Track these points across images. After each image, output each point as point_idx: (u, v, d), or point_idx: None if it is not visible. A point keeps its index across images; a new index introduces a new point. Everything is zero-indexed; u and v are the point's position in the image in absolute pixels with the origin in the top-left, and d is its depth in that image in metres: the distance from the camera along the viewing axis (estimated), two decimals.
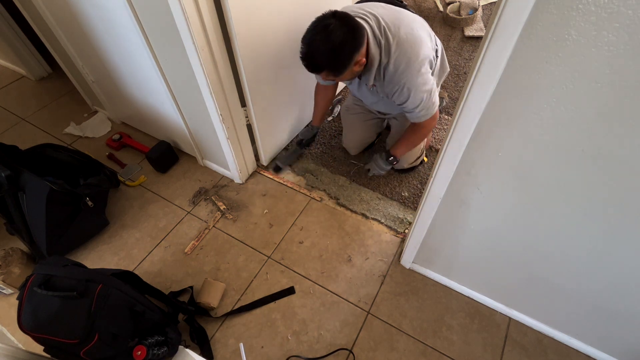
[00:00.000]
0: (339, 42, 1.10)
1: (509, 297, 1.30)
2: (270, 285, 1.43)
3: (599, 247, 0.90)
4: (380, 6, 1.29)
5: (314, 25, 1.13)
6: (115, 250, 1.55)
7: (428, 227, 1.19)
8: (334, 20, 1.10)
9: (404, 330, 1.32)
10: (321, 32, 1.10)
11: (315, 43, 1.11)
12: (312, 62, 1.15)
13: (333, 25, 1.09)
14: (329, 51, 1.11)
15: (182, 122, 1.62)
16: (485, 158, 0.87)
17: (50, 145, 1.54)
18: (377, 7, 1.27)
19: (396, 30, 1.21)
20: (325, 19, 1.11)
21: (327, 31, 1.09)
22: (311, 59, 1.15)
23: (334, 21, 1.09)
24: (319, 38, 1.10)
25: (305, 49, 1.14)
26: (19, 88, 2.35)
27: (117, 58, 1.54)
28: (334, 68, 1.16)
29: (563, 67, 0.64)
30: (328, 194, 1.71)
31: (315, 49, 1.12)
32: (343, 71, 1.17)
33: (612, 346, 1.18)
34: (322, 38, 1.10)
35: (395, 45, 1.20)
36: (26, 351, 0.94)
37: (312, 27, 1.13)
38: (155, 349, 1.14)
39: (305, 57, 1.15)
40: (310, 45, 1.13)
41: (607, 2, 0.54)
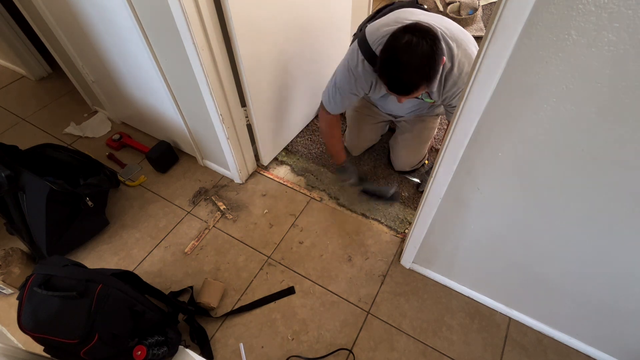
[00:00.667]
0: (428, 51, 1.02)
1: (509, 297, 1.30)
2: (270, 285, 1.43)
3: (599, 247, 0.90)
4: (421, 13, 1.22)
5: (392, 48, 1.04)
6: (115, 250, 1.55)
7: (428, 227, 1.19)
8: (411, 36, 1.01)
9: (404, 330, 1.32)
10: (406, 50, 1.01)
11: (406, 63, 1.02)
12: (408, 85, 1.07)
13: (414, 39, 1.01)
14: (422, 64, 1.03)
15: (182, 122, 1.62)
16: (485, 158, 0.87)
17: (50, 145, 1.54)
18: (420, 15, 1.20)
19: (451, 33, 1.16)
20: (401, 38, 1.02)
21: (412, 46, 1.01)
22: (407, 82, 1.06)
23: (412, 36, 1.01)
24: (407, 57, 1.02)
25: (394, 74, 1.06)
26: (19, 88, 2.35)
27: (117, 58, 1.54)
28: (429, 79, 1.07)
29: (563, 67, 0.64)
30: (328, 194, 1.71)
31: (407, 70, 1.03)
32: (436, 78, 1.10)
33: (612, 346, 1.18)
34: (410, 54, 1.01)
35: (456, 49, 1.15)
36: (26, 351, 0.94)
37: (391, 51, 1.04)
38: (155, 349, 1.14)
39: (399, 82, 1.07)
40: (400, 68, 1.04)
41: (607, 2, 0.54)
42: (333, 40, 1.83)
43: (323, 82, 1.95)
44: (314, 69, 1.79)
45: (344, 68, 1.32)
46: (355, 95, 1.37)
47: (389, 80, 1.09)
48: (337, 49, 1.93)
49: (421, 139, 1.67)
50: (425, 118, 1.63)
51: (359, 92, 1.35)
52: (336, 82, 1.36)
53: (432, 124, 1.66)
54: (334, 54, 1.93)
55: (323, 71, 1.90)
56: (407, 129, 1.65)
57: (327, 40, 1.78)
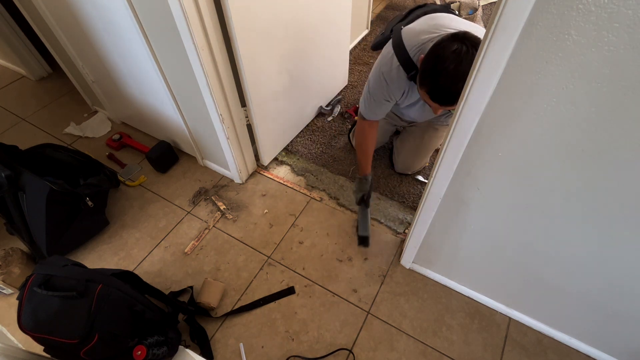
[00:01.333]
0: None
1: (509, 297, 1.30)
2: (270, 285, 1.43)
3: (598, 247, 0.90)
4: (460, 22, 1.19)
5: (441, 57, 1.00)
6: (115, 250, 1.55)
7: (428, 227, 1.19)
8: (461, 44, 0.98)
9: (404, 330, 1.32)
10: (457, 59, 0.98)
11: (456, 72, 0.98)
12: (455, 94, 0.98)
13: (464, 48, 0.98)
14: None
15: (182, 122, 1.62)
16: (485, 158, 0.87)
17: (50, 145, 1.54)
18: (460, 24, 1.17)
19: None
20: (450, 46, 0.99)
21: (461, 55, 0.97)
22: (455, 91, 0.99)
23: (462, 46, 0.98)
24: (453, 67, 0.98)
25: (440, 83, 1.02)
26: (19, 88, 2.35)
27: (117, 58, 1.54)
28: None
29: (563, 67, 0.64)
30: (328, 194, 1.71)
31: (456, 79, 0.98)
32: None
33: (612, 346, 1.18)
34: (461, 63, 0.97)
35: None
36: (26, 351, 0.94)
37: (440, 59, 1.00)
38: (155, 349, 1.14)
39: (446, 91, 1.03)
40: (448, 77, 1.00)
41: (607, 2, 0.54)
42: (333, 40, 1.83)
43: (323, 82, 1.96)
44: (314, 69, 1.79)
45: (376, 73, 1.28)
46: (388, 102, 1.33)
47: (434, 89, 1.05)
48: (337, 49, 1.93)
49: (429, 147, 1.66)
50: (438, 127, 1.61)
51: (391, 98, 1.31)
52: (370, 88, 1.33)
53: (442, 133, 1.63)
54: (334, 54, 1.93)
55: (323, 71, 1.90)
56: (417, 134, 1.63)
57: (328, 40, 1.79)
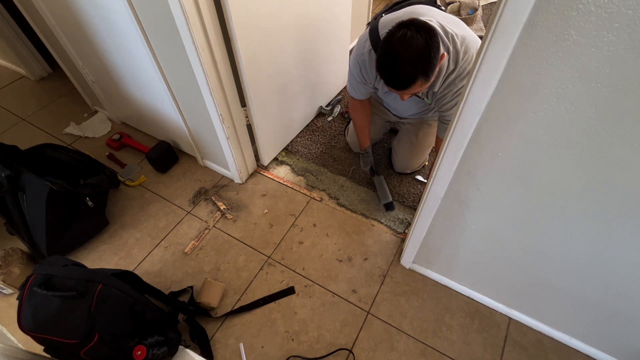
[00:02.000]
0: (423, 44, 1.00)
1: (509, 297, 1.30)
2: (270, 285, 1.43)
3: (598, 247, 0.90)
4: (437, 12, 1.20)
5: (387, 43, 1.04)
6: (115, 250, 1.55)
7: (428, 227, 1.19)
8: (406, 30, 1.01)
9: (404, 330, 1.32)
10: (400, 44, 1.01)
11: (400, 57, 1.02)
12: (402, 78, 1.05)
13: (409, 33, 1.00)
14: (417, 57, 1.01)
15: (182, 122, 1.62)
16: (485, 158, 0.87)
17: (50, 145, 1.54)
18: (435, 14, 1.18)
19: (462, 37, 1.14)
20: (396, 33, 1.02)
21: (406, 40, 1.00)
22: (401, 75, 1.04)
23: (407, 30, 1.01)
24: (400, 50, 1.01)
25: (389, 68, 1.05)
26: (19, 88, 2.35)
27: (117, 58, 1.54)
28: (425, 72, 1.04)
29: (563, 67, 0.64)
30: (328, 194, 1.71)
31: (401, 62, 1.02)
32: (432, 73, 1.07)
33: (612, 346, 1.18)
34: (404, 47, 1.01)
35: (463, 53, 1.14)
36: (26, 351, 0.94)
37: (386, 46, 1.04)
38: (155, 349, 1.14)
39: (393, 76, 1.06)
40: (394, 62, 1.03)
41: (607, 2, 0.54)
42: (333, 40, 1.83)
43: (323, 82, 1.96)
44: (314, 69, 1.79)
45: (353, 56, 1.35)
46: (364, 84, 1.38)
47: (386, 74, 1.08)
48: (337, 49, 1.93)
49: (424, 143, 1.67)
50: (431, 122, 1.63)
51: (366, 80, 1.36)
52: (350, 69, 1.40)
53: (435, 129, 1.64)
54: (334, 54, 1.93)
55: (323, 71, 1.90)
56: (412, 132, 1.65)
57: (328, 40, 1.79)
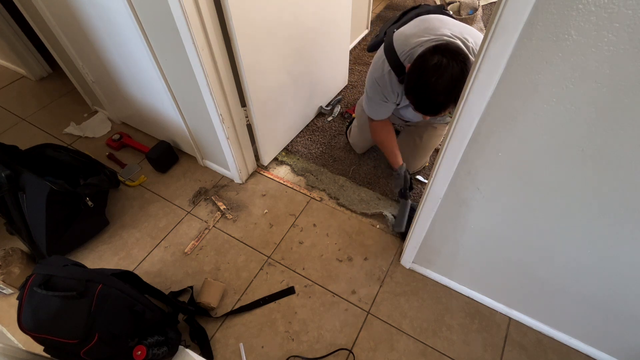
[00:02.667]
0: (458, 74, 1.03)
1: (509, 297, 1.30)
2: (270, 285, 1.43)
3: (599, 247, 0.90)
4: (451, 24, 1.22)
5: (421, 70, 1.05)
6: (115, 250, 1.55)
7: (428, 227, 1.19)
8: (441, 57, 1.03)
9: (404, 330, 1.32)
10: (436, 73, 1.03)
11: (434, 86, 1.04)
12: (435, 106, 1.09)
13: (444, 61, 1.02)
14: (452, 87, 1.03)
15: (182, 122, 1.62)
16: (485, 158, 0.87)
17: (50, 145, 1.54)
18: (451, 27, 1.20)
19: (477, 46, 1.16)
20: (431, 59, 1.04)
21: (442, 69, 1.02)
22: (435, 104, 1.08)
23: (442, 58, 1.03)
24: (434, 79, 1.03)
25: (421, 96, 1.08)
26: (19, 88, 2.35)
27: (117, 58, 1.54)
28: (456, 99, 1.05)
29: (563, 67, 0.64)
30: (328, 194, 1.71)
31: (435, 92, 1.05)
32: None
33: (612, 346, 1.18)
34: (439, 76, 1.03)
35: None
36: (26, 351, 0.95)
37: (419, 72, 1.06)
38: (155, 349, 1.15)
39: (426, 103, 1.09)
40: (428, 90, 1.06)
41: (607, 2, 0.54)
42: (333, 40, 1.83)
43: (323, 82, 1.96)
44: (314, 69, 1.79)
45: (370, 78, 1.33)
46: (386, 102, 1.37)
47: (417, 100, 1.10)
48: (337, 49, 1.93)
49: (428, 146, 1.66)
50: (437, 125, 1.62)
51: (388, 99, 1.35)
52: (367, 92, 1.38)
53: (441, 131, 1.64)
54: (334, 54, 1.93)
55: (323, 71, 1.90)
56: (416, 133, 1.64)
57: (327, 40, 1.79)
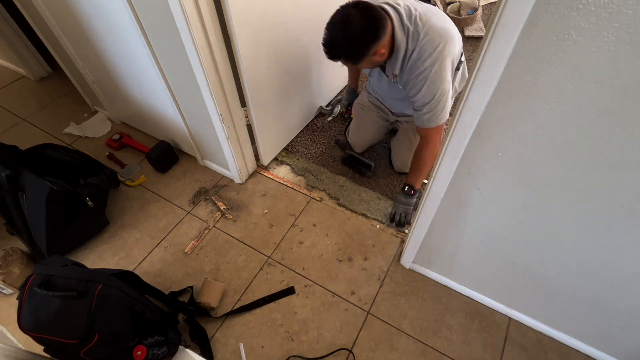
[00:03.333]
0: (356, 32, 1.12)
1: (509, 297, 1.30)
2: (270, 285, 1.43)
3: (598, 247, 0.90)
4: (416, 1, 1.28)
5: (336, 14, 1.15)
6: (115, 250, 1.55)
7: (428, 227, 1.19)
8: (354, 11, 1.11)
9: (404, 330, 1.32)
10: (341, 22, 1.13)
11: (335, 32, 1.14)
12: (331, 50, 1.18)
13: (353, 15, 1.11)
14: (347, 41, 1.14)
15: (182, 122, 1.62)
16: (485, 158, 0.87)
17: (50, 145, 1.54)
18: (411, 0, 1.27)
19: (427, 19, 1.20)
20: (347, 9, 1.12)
21: (346, 21, 1.11)
22: (330, 47, 1.18)
23: (355, 12, 1.11)
24: (338, 27, 1.13)
25: (326, 36, 1.17)
26: (19, 88, 2.35)
27: (117, 58, 1.54)
28: (351, 57, 1.19)
29: (563, 67, 0.64)
30: (328, 194, 1.71)
31: (334, 38, 1.15)
32: (360, 60, 1.19)
33: (612, 346, 1.18)
34: (341, 28, 1.12)
35: (424, 34, 1.19)
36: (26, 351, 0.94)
37: (334, 15, 1.15)
38: (155, 348, 1.14)
39: (325, 44, 1.18)
40: (331, 33, 1.15)
41: (607, 2, 0.54)
42: None
43: (323, 82, 1.96)
44: (314, 69, 1.79)
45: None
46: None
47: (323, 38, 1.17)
48: None
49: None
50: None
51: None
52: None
53: None
54: None
55: (323, 71, 1.90)
56: (409, 130, 1.65)
57: None
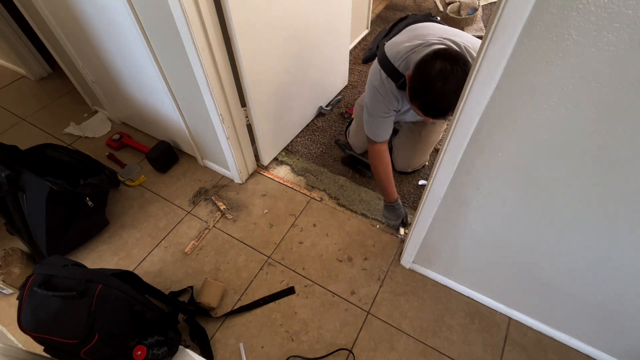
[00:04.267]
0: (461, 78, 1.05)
1: (509, 297, 1.30)
2: (270, 285, 1.43)
3: (598, 247, 0.90)
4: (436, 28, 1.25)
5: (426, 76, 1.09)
6: (115, 250, 1.55)
7: (428, 227, 1.19)
8: (445, 64, 1.06)
9: (404, 330, 1.32)
10: (440, 79, 1.06)
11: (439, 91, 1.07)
12: (444, 111, 1.12)
13: (448, 67, 1.06)
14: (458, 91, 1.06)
15: (182, 122, 1.62)
16: (485, 158, 0.87)
17: (50, 145, 1.54)
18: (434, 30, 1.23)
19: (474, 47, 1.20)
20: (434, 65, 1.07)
21: (447, 75, 1.06)
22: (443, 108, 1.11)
23: (446, 64, 1.06)
24: (440, 85, 1.07)
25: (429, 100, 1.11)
26: (19, 88, 2.35)
27: (117, 58, 1.54)
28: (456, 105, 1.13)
29: (563, 67, 0.64)
30: (328, 194, 1.71)
31: (443, 97, 1.08)
32: None
33: (612, 346, 1.18)
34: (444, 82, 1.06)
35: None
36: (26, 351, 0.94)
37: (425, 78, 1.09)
38: (155, 349, 1.14)
39: (435, 109, 1.12)
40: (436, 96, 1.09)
41: (607, 2, 0.54)
42: (333, 40, 1.83)
43: (323, 82, 1.96)
44: (314, 69, 1.79)
45: (370, 91, 1.34)
46: (389, 115, 1.37)
47: (424, 106, 1.13)
48: (337, 49, 1.93)
49: (427, 142, 1.67)
50: (435, 121, 1.61)
51: (390, 109, 1.35)
52: (368, 109, 1.38)
53: (440, 128, 1.66)
54: (335, 54, 1.93)
55: (323, 71, 1.90)
56: (415, 130, 1.64)
57: (327, 41, 1.79)
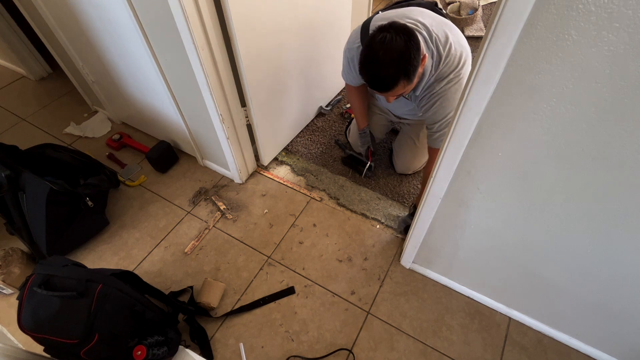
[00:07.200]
0: (402, 46, 1.02)
1: (509, 297, 1.30)
2: (270, 285, 1.43)
3: (598, 247, 0.90)
4: (427, 15, 1.22)
5: (368, 47, 1.06)
6: (115, 250, 1.55)
7: (428, 227, 1.19)
8: (385, 33, 1.03)
9: (404, 330, 1.32)
10: (380, 48, 1.03)
11: (381, 59, 1.04)
12: (384, 80, 1.07)
13: (388, 36, 1.02)
14: (398, 58, 1.03)
15: (182, 122, 1.62)
16: (485, 158, 0.87)
17: (51, 145, 1.54)
18: (425, 16, 1.20)
19: (445, 41, 1.17)
20: (377, 36, 1.05)
21: (385, 43, 1.02)
22: (383, 77, 1.07)
23: (386, 33, 1.03)
24: (381, 54, 1.03)
25: (370, 71, 1.08)
26: (19, 88, 2.35)
27: (117, 58, 1.54)
28: (407, 73, 1.06)
29: (563, 67, 0.64)
30: (328, 194, 1.71)
31: (382, 65, 1.05)
32: (414, 74, 1.08)
33: (612, 346, 1.18)
34: (385, 50, 1.03)
35: (445, 56, 1.16)
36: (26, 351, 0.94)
37: (366, 50, 1.07)
38: (155, 349, 1.14)
39: (375, 78, 1.08)
40: (375, 64, 1.06)
41: (607, 2, 0.54)
42: (333, 39, 1.83)
43: (323, 82, 1.96)
44: (314, 69, 1.79)
45: (345, 46, 1.37)
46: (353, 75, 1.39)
47: (368, 77, 1.11)
48: (337, 49, 1.93)
49: (425, 144, 1.66)
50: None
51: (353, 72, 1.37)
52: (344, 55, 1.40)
53: None
54: (334, 54, 1.93)
55: (323, 71, 1.90)
56: (412, 132, 1.64)
57: (327, 40, 1.79)
